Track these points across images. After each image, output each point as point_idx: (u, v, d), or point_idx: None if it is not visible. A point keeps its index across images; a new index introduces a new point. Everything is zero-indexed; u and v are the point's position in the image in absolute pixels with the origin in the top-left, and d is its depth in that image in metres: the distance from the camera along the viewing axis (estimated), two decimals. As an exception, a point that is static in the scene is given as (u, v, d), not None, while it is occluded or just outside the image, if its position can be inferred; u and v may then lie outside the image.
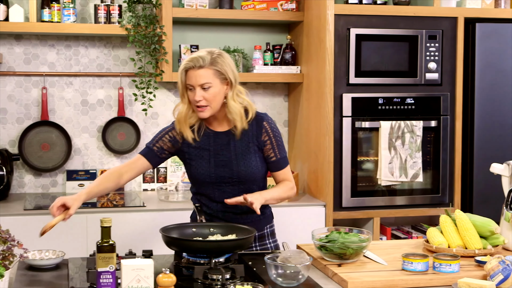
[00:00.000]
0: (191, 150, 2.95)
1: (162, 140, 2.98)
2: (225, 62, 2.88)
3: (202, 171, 2.93)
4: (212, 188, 2.95)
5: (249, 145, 2.94)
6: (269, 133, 2.96)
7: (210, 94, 2.84)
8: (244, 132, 2.93)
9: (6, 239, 2.30)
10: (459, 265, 2.52)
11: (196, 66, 2.83)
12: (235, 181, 2.93)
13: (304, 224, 4.18)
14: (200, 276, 2.42)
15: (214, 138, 2.95)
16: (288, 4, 4.56)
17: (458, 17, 4.37)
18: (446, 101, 4.37)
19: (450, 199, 4.40)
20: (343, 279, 2.43)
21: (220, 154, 2.93)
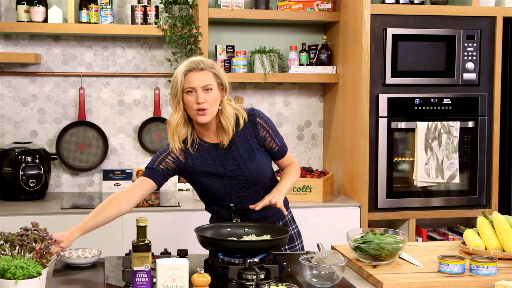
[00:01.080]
0: (196, 167, 2.88)
1: (165, 162, 2.88)
2: (220, 68, 2.88)
3: (216, 185, 2.88)
4: (229, 197, 2.90)
5: (250, 145, 2.91)
6: (265, 127, 2.94)
7: (212, 96, 2.80)
8: (241, 135, 2.90)
9: (44, 237, 2.33)
10: (497, 267, 2.49)
11: (198, 68, 2.80)
12: (250, 184, 2.90)
13: (339, 225, 4.16)
14: (234, 276, 2.43)
15: (213, 149, 2.89)
16: (324, 4, 4.55)
17: (496, 17, 4.32)
18: (483, 101, 4.32)
19: (487, 201, 4.35)
20: (378, 280, 2.41)
21: (227, 164, 2.88)
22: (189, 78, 2.79)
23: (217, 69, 2.85)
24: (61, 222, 3.83)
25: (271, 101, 4.77)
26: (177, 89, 2.81)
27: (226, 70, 4.49)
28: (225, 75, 2.88)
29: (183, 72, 2.80)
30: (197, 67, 2.80)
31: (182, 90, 2.81)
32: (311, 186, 4.25)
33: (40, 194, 4.24)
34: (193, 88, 2.79)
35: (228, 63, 4.51)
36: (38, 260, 2.25)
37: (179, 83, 2.80)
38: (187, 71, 2.80)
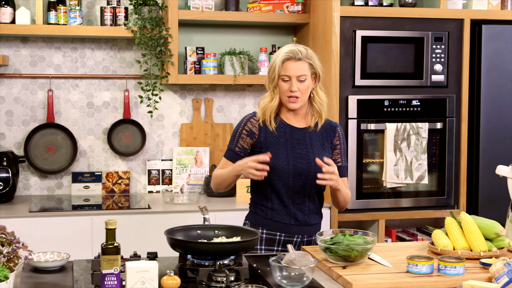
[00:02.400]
0: (268, 139, 3.01)
1: (241, 138, 3.05)
2: (316, 57, 3.02)
3: (281, 161, 2.97)
4: (286, 178, 2.99)
5: (324, 142, 3.06)
6: (341, 138, 3.12)
7: (304, 86, 2.96)
8: (320, 131, 3.05)
9: (11, 241, 2.30)
10: (464, 267, 2.52)
11: (296, 57, 2.95)
12: (311, 175, 2.97)
13: (309, 226, 4.17)
14: (204, 278, 2.42)
15: (290, 131, 3.03)
16: (294, 6, 4.56)
17: (464, 19, 4.36)
18: (452, 103, 4.37)
19: (456, 201, 4.39)
20: (347, 281, 2.42)
21: (297, 147, 3.00)
22: (286, 67, 2.96)
23: (313, 59, 3.00)
24: (29, 225, 3.80)
25: (241, 102, 4.77)
26: (274, 75, 2.98)
27: (196, 72, 4.49)
28: (320, 65, 3.03)
29: (281, 59, 2.96)
30: (295, 56, 2.95)
31: (278, 76, 2.97)
32: (282, 188, 4.25)
33: (8, 197, 4.20)
34: (288, 77, 2.96)
35: (198, 65, 4.50)
36: (6, 264, 2.23)
37: (276, 70, 2.97)
38: (285, 60, 2.96)
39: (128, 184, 4.57)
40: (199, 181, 4.59)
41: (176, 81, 4.39)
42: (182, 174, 4.60)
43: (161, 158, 4.66)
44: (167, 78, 4.37)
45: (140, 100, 4.54)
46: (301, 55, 2.96)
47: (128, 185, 4.56)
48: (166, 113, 4.67)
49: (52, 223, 3.89)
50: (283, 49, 2.99)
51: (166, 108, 4.66)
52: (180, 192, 4.36)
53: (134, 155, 4.59)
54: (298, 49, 2.97)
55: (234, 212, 4.12)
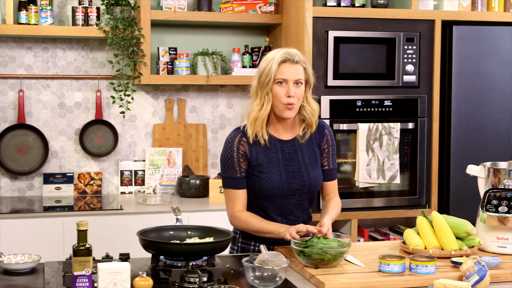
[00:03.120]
0: (260, 159, 2.83)
1: (241, 163, 2.83)
2: (309, 64, 2.84)
3: (274, 184, 2.82)
4: (279, 201, 2.86)
5: (315, 153, 2.91)
6: (329, 141, 2.94)
7: (301, 91, 2.78)
8: (309, 140, 2.90)
9: (-19, 243, 2.28)
10: (436, 266, 2.53)
11: (293, 60, 2.77)
12: (305, 192, 2.87)
13: (282, 227, 4.17)
14: (177, 279, 2.41)
15: (280, 146, 2.85)
16: (267, 6, 4.57)
17: (435, 20, 4.40)
18: (423, 103, 4.40)
19: (427, 201, 4.43)
20: (320, 281, 2.43)
21: (289, 165, 2.84)
22: (283, 69, 2.74)
23: (307, 64, 2.81)
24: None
25: (214, 103, 4.77)
26: (269, 78, 2.74)
27: (168, 72, 4.48)
28: (313, 72, 2.84)
29: (277, 61, 2.74)
30: (293, 59, 2.76)
31: (274, 80, 2.75)
32: (255, 188, 4.25)
33: (-22, 199, 4.16)
34: (285, 80, 2.75)
35: (170, 65, 4.49)
36: (-25, 266, 2.20)
37: (272, 73, 2.74)
38: (282, 62, 2.75)
39: (100, 185, 4.54)
40: (172, 182, 4.58)
41: (149, 82, 4.37)
42: (154, 175, 4.58)
43: (134, 158, 4.64)
44: (139, 78, 4.35)
45: (112, 101, 4.52)
46: (298, 58, 2.77)
47: (100, 186, 4.54)
48: (139, 114, 4.65)
49: (23, 225, 3.85)
50: (277, 52, 2.78)
51: (138, 108, 4.64)
52: (152, 193, 4.34)
53: (106, 156, 4.57)
54: (295, 52, 2.78)
55: (207, 212, 4.12)
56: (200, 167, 4.72)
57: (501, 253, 2.83)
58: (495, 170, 2.96)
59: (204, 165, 4.72)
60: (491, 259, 2.64)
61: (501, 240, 2.85)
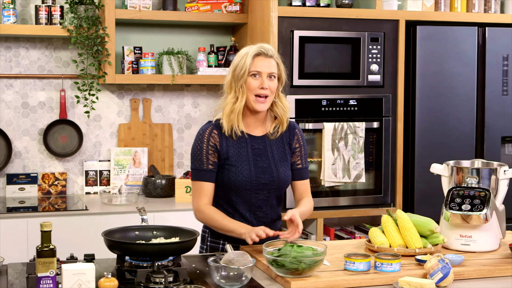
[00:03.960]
0: (230, 152, 2.87)
1: (210, 155, 2.86)
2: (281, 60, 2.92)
3: (243, 177, 2.85)
4: (248, 195, 2.89)
5: (285, 150, 2.95)
6: (300, 140, 3.00)
7: (274, 85, 2.85)
8: (279, 138, 2.95)
9: None
10: (400, 264, 2.55)
11: (267, 54, 2.84)
12: (274, 188, 2.91)
13: (248, 226, 4.18)
14: (142, 279, 2.40)
15: (250, 141, 2.90)
16: (232, 6, 4.56)
17: (399, 20, 4.43)
18: (388, 102, 4.43)
19: (392, 199, 4.46)
20: (286, 280, 2.43)
21: (258, 160, 2.89)
22: (256, 63, 2.82)
23: (280, 61, 2.89)
24: (-38, 228, 3.71)
25: (180, 102, 4.75)
26: (243, 71, 2.82)
27: (133, 72, 4.45)
28: (284, 69, 2.92)
29: (252, 54, 2.82)
30: (267, 53, 2.84)
31: (248, 72, 2.82)
32: (221, 188, 4.25)
33: None
34: (259, 73, 2.82)
35: (136, 65, 4.47)
36: None
37: (247, 66, 2.81)
38: (256, 55, 2.83)
39: (65, 185, 4.50)
40: (138, 182, 4.56)
41: (114, 81, 4.34)
42: (120, 175, 4.55)
43: (99, 159, 4.61)
44: (104, 78, 4.32)
45: (76, 100, 4.48)
46: (271, 52, 2.85)
47: (64, 187, 4.50)
48: (104, 113, 4.61)
49: (-14, 226, 3.80)
50: (251, 47, 2.86)
51: (103, 108, 4.60)
52: (118, 193, 4.32)
53: (71, 156, 4.53)
54: (268, 47, 2.87)
55: (173, 212, 4.10)
56: (166, 167, 4.70)
57: (464, 251, 2.86)
58: (458, 168, 2.99)
59: (170, 165, 4.71)
60: (454, 256, 2.68)
61: (464, 238, 2.88)
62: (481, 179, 2.94)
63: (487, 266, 2.64)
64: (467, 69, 4.54)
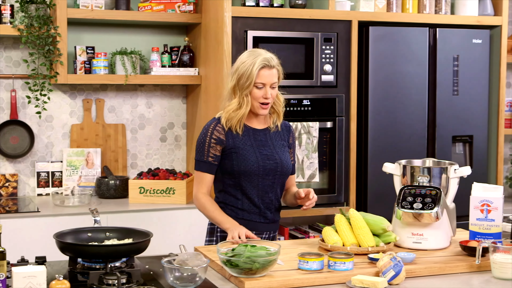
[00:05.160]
0: (236, 144, 3.10)
1: (212, 147, 3.10)
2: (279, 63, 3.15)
3: (251, 163, 3.08)
4: (256, 180, 3.10)
5: (283, 142, 3.22)
6: (294, 138, 3.31)
7: (275, 92, 3.12)
8: (279, 132, 3.22)
9: None
10: (353, 262, 2.58)
11: (270, 65, 3.07)
12: (278, 173, 3.14)
13: (202, 226, 4.16)
14: (95, 281, 2.38)
15: (253, 133, 3.14)
16: (186, 6, 4.55)
17: (352, 21, 4.47)
18: (341, 102, 4.47)
19: (346, 199, 4.50)
20: (240, 280, 2.44)
21: (262, 149, 3.13)
22: (262, 74, 3.05)
23: (279, 66, 3.14)
24: None
25: (133, 103, 4.72)
26: (249, 82, 3.05)
27: (86, 72, 4.41)
28: (281, 69, 3.16)
29: (257, 68, 3.04)
30: (270, 64, 3.07)
31: (253, 84, 3.05)
32: (174, 188, 4.24)
33: None
34: (263, 84, 3.06)
35: (88, 65, 4.42)
36: None
37: (253, 78, 3.04)
38: (261, 68, 3.05)
39: (16, 187, 4.43)
40: (91, 183, 4.51)
41: (66, 81, 4.29)
42: (72, 176, 4.50)
43: (51, 160, 4.55)
44: (56, 78, 4.27)
45: (28, 101, 4.41)
46: (274, 62, 3.08)
47: (16, 188, 4.43)
48: (56, 114, 4.56)
49: None
50: (254, 57, 3.06)
51: (55, 108, 4.55)
52: (70, 194, 4.27)
53: (22, 157, 4.46)
54: (271, 57, 3.08)
55: (127, 213, 4.08)
56: (120, 167, 4.66)
57: (416, 249, 2.90)
58: (410, 167, 3.03)
59: (124, 165, 4.67)
60: (406, 254, 2.71)
61: (416, 236, 2.92)
62: (432, 178, 2.98)
63: (438, 264, 2.68)
64: (419, 69, 4.60)
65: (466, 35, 4.72)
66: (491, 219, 2.87)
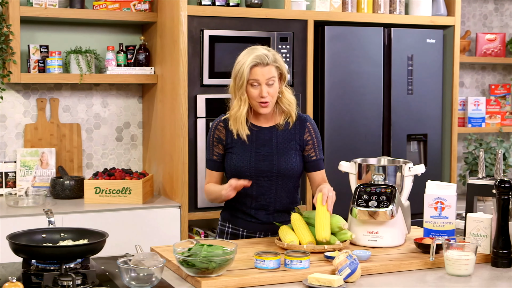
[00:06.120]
0: (234, 142, 3.09)
1: (215, 146, 3.14)
2: (280, 58, 3.07)
3: (243, 163, 3.06)
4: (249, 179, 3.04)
5: (290, 142, 3.11)
6: (311, 133, 3.16)
7: (274, 89, 3.02)
8: (287, 129, 3.12)
9: None
10: (309, 261, 2.59)
11: (264, 63, 2.99)
12: (274, 175, 3.08)
13: (159, 226, 4.16)
14: (49, 283, 2.35)
15: (257, 133, 3.10)
16: (141, 4, 4.52)
17: (308, 20, 4.49)
18: (297, 101, 4.47)
19: (302, 198, 4.51)
20: (196, 279, 2.43)
21: (261, 149, 3.08)
22: (255, 72, 2.99)
23: (279, 62, 3.04)
24: None
25: (88, 102, 4.67)
26: (242, 81, 3.00)
27: (40, 71, 4.35)
28: (286, 66, 3.10)
29: (249, 65, 2.98)
30: (263, 62, 2.99)
31: (247, 82, 3.00)
32: (131, 188, 4.21)
33: None
34: (257, 81, 3.00)
35: (42, 64, 4.36)
36: None
37: (245, 76, 2.99)
38: (253, 66, 2.98)
39: (-32, 188, 4.36)
40: (45, 183, 4.45)
41: (19, 80, 4.23)
42: (26, 176, 4.44)
43: (4, 160, 4.48)
44: (9, 77, 4.20)
45: (-20, 100, 4.35)
46: (268, 59, 3.00)
47: (-32, 189, 4.36)
48: (9, 114, 4.49)
49: None
50: (248, 55, 3.01)
51: (8, 108, 4.48)
52: (24, 195, 4.21)
53: (-26, 158, 4.40)
54: (265, 54, 3.00)
55: (82, 214, 4.04)
56: (75, 167, 4.61)
57: (371, 246, 2.93)
58: (365, 166, 3.06)
59: (79, 165, 4.62)
60: (362, 252, 2.73)
61: (372, 234, 2.95)
62: (387, 176, 3.01)
63: (393, 261, 2.71)
64: (374, 69, 4.64)
65: (420, 35, 4.78)
66: (444, 216, 2.91)
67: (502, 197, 2.76)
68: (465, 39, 5.48)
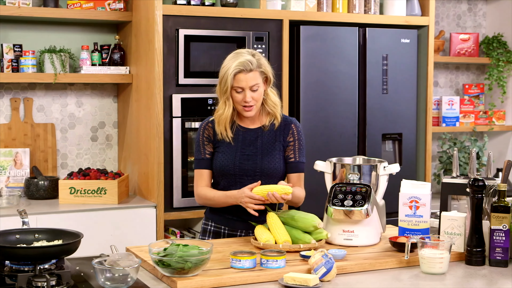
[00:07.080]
0: (221, 141, 3.15)
1: (205, 145, 3.18)
2: (265, 62, 3.12)
3: (227, 162, 3.12)
4: (234, 180, 3.13)
5: (275, 143, 3.17)
6: (295, 135, 3.20)
7: (258, 94, 3.08)
8: (272, 130, 3.17)
9: None
10: (285, 260, 2.60)
11: (247, 69, 3.03)
12: (257, 175, 3.12)
13: (134, 226, 4.15)
14: (23, 284, 2.33)
15: (243, 134, 3.16)
16: (116, 3, 4.50)
17: (283, 20, 4.50)
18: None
19: (279, 197, 4.51)
20: (172, 279, 2.43)
21: (246, 149, 3.14)
22: (238, 79, 3.04)
23: (263, 67, 3.09)
24: None
25: (63, 102, 4.64)
26: (226, 87, 3.05)
27: (13, 70, 4.31)
28: (271, 69, 3.14)
29: (233, 72, 3.02)
30: (246, 68, 3.03)
31: (231, 88, 3.05)
32: (106, 188, 4.19)
33: None
34: (241, 88, 3.04)
35: (15, 63, 4.33)
36: None
37: (229, 82, 3.04)
38: (237, 72, 3.03)
39: None
40: (19, 184, 4.41)
41: (-8, 80, 4.20)
42: (0, 177, 4.40)
43: (-23, 160, 4.44)
44: (-18, 76, 4.17)
45: (-48, 100, 4.30)
46: (252, 66, 3.04)
47: None
48: (-18, 113, 4.45)
49: None
50: (233, 61, 3.04)
51: (-19, 108, 4.44)
52: (-2, 196, 4.18)
53: None
54: (249, 60, 3.03)
55: (57, 214, 4.01)
56: (49, 167, 4.58)
57: (347, 245, 2.94)
58: (340, 165, 3.07)
59: (53, 165, 4.59)
60: (337, 251, 2.74)
61: (347, 233, 2.96)
62: (362, 175, 3.02)
63: (368, 260, 2.73)
64: (349, 69, 4.66)
65: (395, 34, 4.81)
66: (419, 215, 2.93)
67: (476, 195, 2.79)
68: (439, 39, 5.53)
